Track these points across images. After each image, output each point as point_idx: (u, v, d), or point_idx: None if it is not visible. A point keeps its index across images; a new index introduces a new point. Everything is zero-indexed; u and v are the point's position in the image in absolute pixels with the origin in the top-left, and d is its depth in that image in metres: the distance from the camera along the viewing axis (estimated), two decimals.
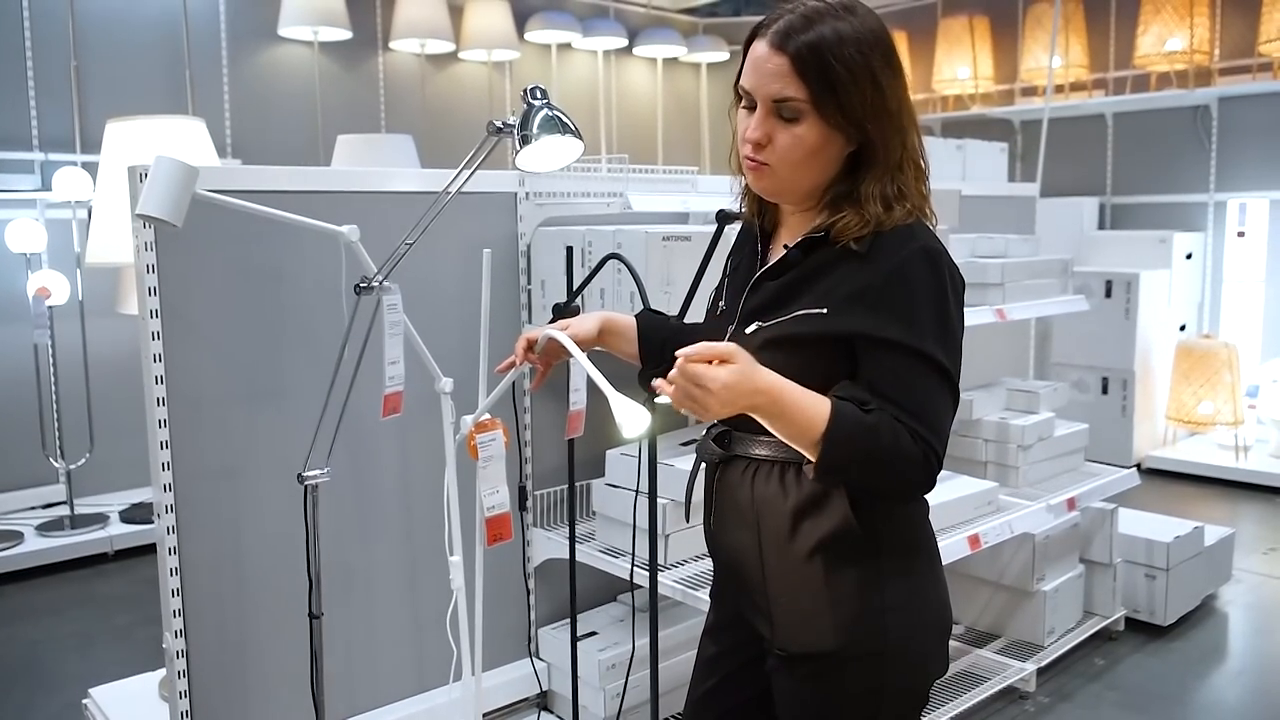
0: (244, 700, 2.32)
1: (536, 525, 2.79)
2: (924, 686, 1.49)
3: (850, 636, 1.41)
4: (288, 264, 2.31)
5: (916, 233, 1.39)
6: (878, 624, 1.41)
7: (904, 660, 1.43)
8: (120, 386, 4.79)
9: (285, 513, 2.34)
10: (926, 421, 1.33)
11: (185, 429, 2.19)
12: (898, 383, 1.34)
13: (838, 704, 1.45)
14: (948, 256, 1.40)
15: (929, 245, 1.38)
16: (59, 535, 4.26)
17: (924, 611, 1.46)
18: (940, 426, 1.35)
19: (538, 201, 2.70)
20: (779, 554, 1.45)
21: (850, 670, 1.43)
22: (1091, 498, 3.23)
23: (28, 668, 3.32)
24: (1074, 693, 3.07)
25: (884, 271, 1.36)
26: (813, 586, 1.42)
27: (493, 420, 1.90)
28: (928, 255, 1.37)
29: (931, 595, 1.48)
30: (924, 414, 1.34)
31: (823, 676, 1.44)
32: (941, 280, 1.37)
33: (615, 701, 2.63)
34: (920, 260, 1.36)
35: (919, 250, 1.37)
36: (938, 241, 1.40)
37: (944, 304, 1.37)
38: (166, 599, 2.19)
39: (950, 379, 1.37)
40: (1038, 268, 3.24)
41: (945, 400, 1.36)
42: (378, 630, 2.53)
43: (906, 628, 1.43)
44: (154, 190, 1.66)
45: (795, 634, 1.45)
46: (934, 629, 1.48)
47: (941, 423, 1.36)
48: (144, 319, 2.12)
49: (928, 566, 1.49)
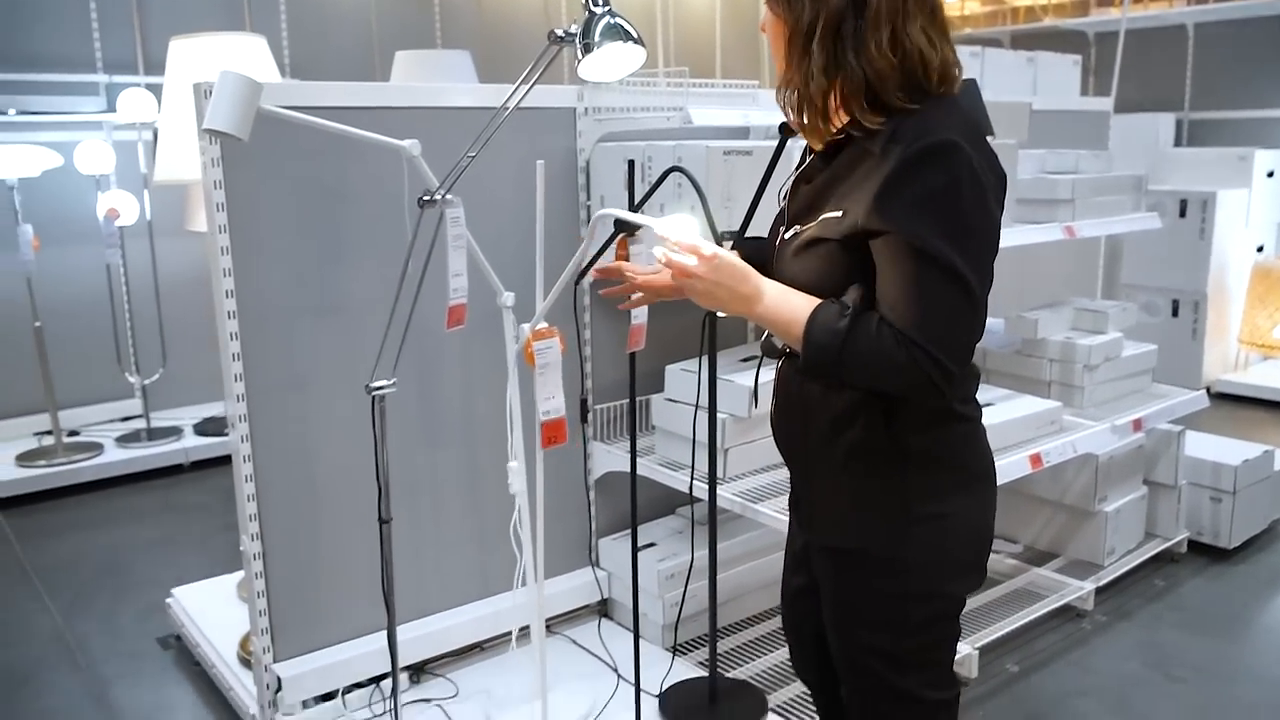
0: (317, 601, 2.41)
1: (596, 439, 2.83)
2: (951, 600, 1.50)
3: (873, 541, 1.45)
4: (350, 180, 2.33)
5: (931, 123, 1.31)
6: (902, 533, 1.44)
7: (928, 572, 1.45)
8: (189, 304, 4.93)
9: (353, 422, 2.40)
10: (916, 322, 1.29)
11: (255, 342, 2.25)
12: (892, 284, 1.32)
13: (863, 602, 1.50)
14: (967, 148, 1.30)
15: (942, 138, 1.30)
16: (137, 446, 4.43)
17: (953, 528, 1.45)
18: (934, 328, 1.29)
19: (596, 117, 2.68)
20: (819, 451, 1.49)
21: (874, 572, 1.47)
22: (1158, 419, 3.18)
23: (113, 570, 3.48)
24: (1133, 612, 3.06)
25: (891, 167, 1.31)
26: (843, 487, 1.47)
27: (549, 329, 1.92)
28: (938, 148, 1.29)
29: (964, 513, 1.46)
30: (913, 315, 1.29)
31: (850, 572, 1.50)
32: (952, 172, 1.29)
33: (674, 610, 2.69)
34: (927, 153, 1.29)
35: (930, 144, 1.30)
36: (959, 131, 1.31)
37: (953, 198, 1.29)
38: (243, 504, 2.27)
39: (958, 277, 1.29)
40: (1109, 184, 3.15)
41: (947, 300, 1.29)
42: (444, 536, 2.61)
43: (932, 541, 1.44)
44: (219, 105, 1.68)
45: (825, 528, 1.52)
46: (964, 546, 1.48)
47: (937, 323, 1.29)
48: (213, 234, 2.17)
49: (964, 485, 1.47)
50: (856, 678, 1.56)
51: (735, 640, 2.80)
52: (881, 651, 1.50)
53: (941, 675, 1.54)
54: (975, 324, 1.33)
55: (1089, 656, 2.82)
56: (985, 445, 1.51)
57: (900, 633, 1.48)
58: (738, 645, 2.78)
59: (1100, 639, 2.91)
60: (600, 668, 2.62)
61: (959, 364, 1.31)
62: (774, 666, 2.65)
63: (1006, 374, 3.21)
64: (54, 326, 4.57)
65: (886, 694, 1.52)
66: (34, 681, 2.77)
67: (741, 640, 2.80)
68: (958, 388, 1.38)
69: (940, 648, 1.53)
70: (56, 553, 3.63)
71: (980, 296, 1.32)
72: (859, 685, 1.56)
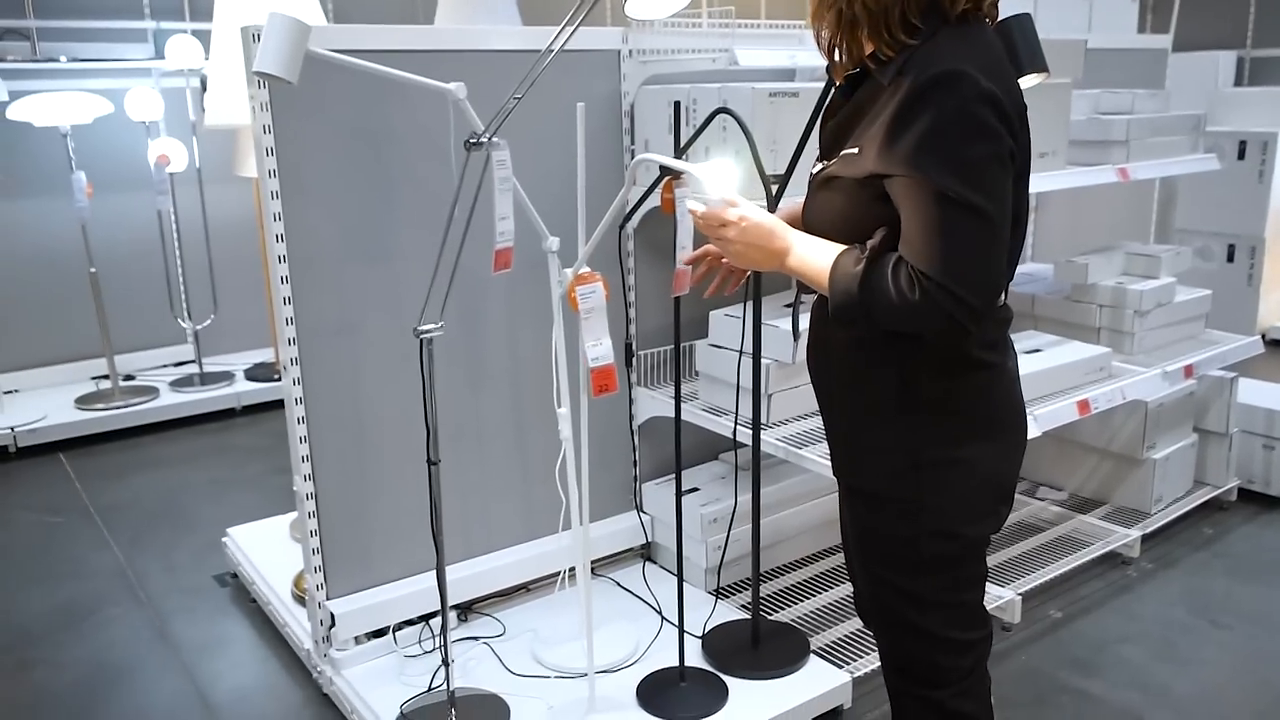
0: (368, 540, 2.47)
1: (640, 384, 2.85)
2: (967, 543, 1.51)
3: (887, 483, 1.49)
4: (394, 123, 2.34)
5: (939, 53, 1.29)
6: (914, 477, 1.46)
7: (941, 515, 1.47)
8: (238, 250, 5.00)
9: (401, 366, 2.44)
10: (934, 261, 1.28)
11: (305, 286, 2.28)
12: (909, 223, 1.31)
13: (881, 540, 1.53)
14: (975, 75, 1.27)
15: (947, 68, 1.27)
16: (190, 391, 4.53)
17: (967, 474, 1.46)
18: (954, 264, 1.27)
19: (641, 59, 2.65)
20: (840, 392, 1.53)
21: (889, 513, 1.50)
22: (1210, 365, 3.12)
23: (170, 510, 3.59)
24: (1180, 560, 3.04)
25: (897, 102, 1.30)
26: (860, 429, 1.51)
27: (592, 273, 1.92)
28: (942, 78, 1.27)
29: (980, 459, 1.46)
30: (930, 254, 1.28)
31: (868, 512, 1.54)
32: (958, 103, 1.26)
33: (717, 554, 2.71)
34: (931, 84, 1.28)
35: (934, 74, 1.28)
36: (970, 60, 1.28)
37: (960, 130, 1.27)
38: (295, 446, 2.32)
39: (973, 210, 1.27)
40: (1165, 124, 3.07)
41: (963, 235, 1.27)
42: (490, 479, 2.65)
43: (945, 486, 1.46)
44: (268, 47, 1.69)
45: (844, 468, 1.57)
46: (979, 492, 1.48)
47: (956, 260, 1.27)
48: (263, 178, 2.19)
49: (981, 432, 1.47)
50: (881, 615, 1.60)
51: (778, 584, 2.83)
52: (900, 590, 1.53)
53: (965, 615, 1.56)
54: (996, 255, 1.31)
55: (1134, 603, 2.81)
56: (1010, 392, 1.50)
57: (917, 572, 1.51)
58: (780, 589, 2.80)
59: (1146, 586, 2.90)
60: (644, 609, 2.67)
61: (984, 299, 1.30)
62: (816, 610, 2.68)
63: (1055, 320, 3.17)
64: (108, 272, 4.66)
65: (910, 631, 1.56)
66: (99, 615, 2.88)
67: (784, 584, 2.83)
68: (985, 329, 1.38)
69: (961, 589, 1.54)
70: (116, 493, 3.74)
71: (999, 226, 1.30)
72: (885, 622, 1.60)
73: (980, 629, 1.58)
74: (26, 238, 4.56)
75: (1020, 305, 3.27)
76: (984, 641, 1.59)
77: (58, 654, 2.68)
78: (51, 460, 4.07)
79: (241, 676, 2.57)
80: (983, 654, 1.60)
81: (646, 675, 2.35)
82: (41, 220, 4.58)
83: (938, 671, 1.57)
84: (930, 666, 1.57)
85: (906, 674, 1.61)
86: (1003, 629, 2.68)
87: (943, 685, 1.57)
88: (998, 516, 1.53)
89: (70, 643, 2.74)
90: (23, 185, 4.53)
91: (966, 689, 1.58)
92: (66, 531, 3.43)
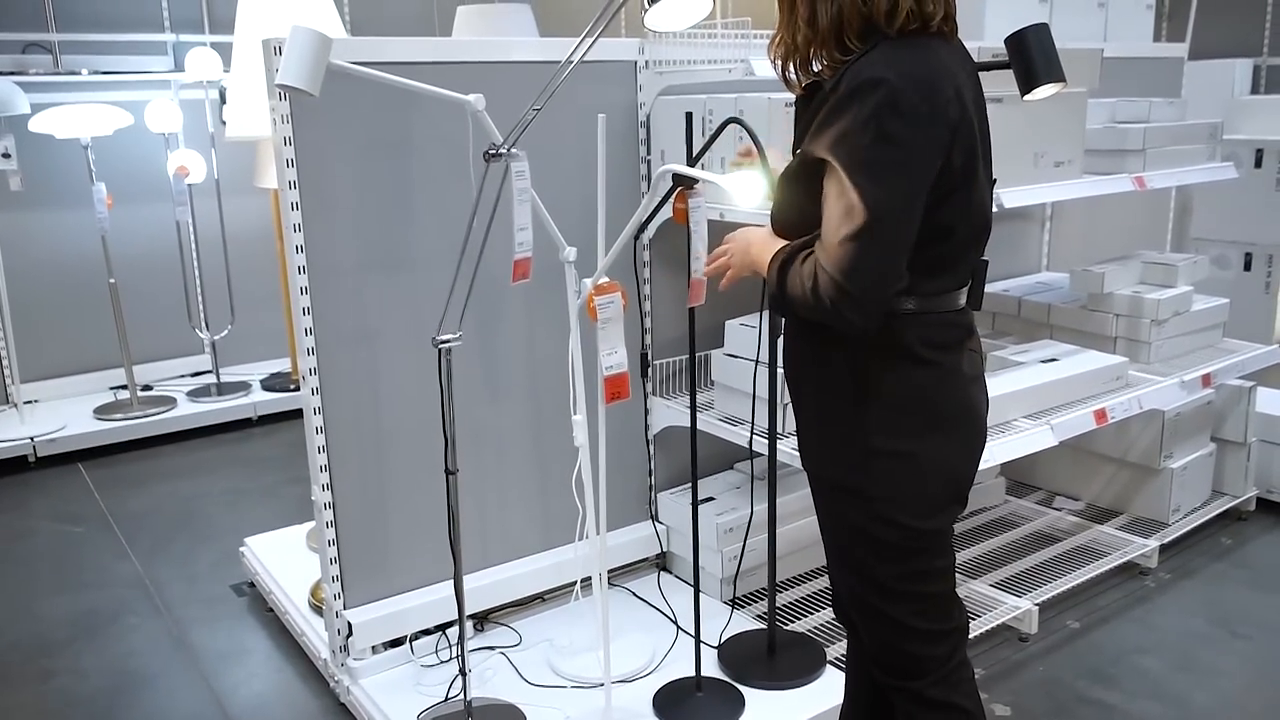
0: (385, 550, 2.48)
1: (656, 394, 2.86)
2: (924, 534, 1.54)
3: (839, 471, 1.55)
4: (413, 135, 2.36)
5: (869, 63, 1.38)
6: (865, 467, 1.52)
7: (893, 505, 1.52)
8: (256, 262, 5.03)
9: (418, 375, 2.45)
10: (828, 251, 1.39)
11: (324, 297, 2.30)
12: (826, 214, 1.41)
13: (841, 529, 1.60)
14: (894, 82, 1.34)
15: (869, 75, 1.36)
16: (208, 401, 4.56)
17: (918, 466, 1.51)
18: (837, 255, 1.37)
19: (657, 70, 2.66)
20: (800, 384, 1.61)
21: (845, 501, 1.56)
22: (1228, 374, 3.11)
23: (188, 519, 3.61)
24: (1198, 570, 3.03)
25: (828, 105, 1.41)
26: (816, 418, 1.59)
27: (611, 283, 1.93)
28: (864, 84, 1.36)
29: (931, 452, 1.52)
30: (824, 239, 1.40)
31: (828, 500, 1.61)
32: (870, 107, 1.34)
33: (733, 563, 2.71)
34: (854, 90, 1.37)
35: (859, 82, 1.37)
36: (895, 69, 1.36)
37: (866, 131, 1.35)
38: (314, 456, 2.33)
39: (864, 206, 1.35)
40: (1182, 133, 3.06)
41: (851, 228, 1.36)
42: (506, 489, 2.66)
43: (895, 477, 1.51)
44: (291, 60, 1.71)
45: (806, 456, 1.64)
46: (930, 483, 1.53)
47: (839, 251, 1.37)
48: (283, 190, 2.21)
49: (932, 426, 1.51)
50: (854, 605, 1.64)
51: (793, 594, 2.83)
52: (864, 577, 1.59)
53: (932, 607, 1.59)
54: (882, 252, 1.38)
55: (1152, 614, 2.79)
56: (963, 392, 1.55)
57: (877, 560, 1.56)
58: (795, 599, 2.80)
59: (1164, 596, 2.88)
60: (660, 619, 2.67)
61: (859, 287, 1.37)
62: (832, 620, 2.67)
63: (1071, 329, 3.17)
64: (127, 283, 4.70)
65: (878, 619, 1.60)
66: (118, 624, 2.89)
67: (799, 594, 2.83)
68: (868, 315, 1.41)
69: (926, 580, 1.58)
70: (134, 502, 3.76)
71: (889, 225, 1.37)
72: (859, 611, 1.64)
73: (950, 620, 1.61)
74: (47, 248, 4.61)
75: (1036, 314, 3.26)
76: (957, 633, 1.63)
77: (78, 663, 2.70)
78: (70, 470, 4.10)
79: (259, 685, 2.58)
80: (957, 644, 1.63)
81: (663, 685, 2.35)
82: (62, 231, 4.62)
83: (912, 660, 1.61)
84: (904, 655, 1.61)
85: (883, 665, 1.65)
86: (1020, 639, 2.67)
87: (918, 675, 1.61)
88: (952, 509, 1.57)
89: (90, 652, 2.75)
90: (44, 196, 4.57)
91: (944, 677, 1.61)
92: (86, 541, 3.46)
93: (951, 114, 1.39)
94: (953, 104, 1.39)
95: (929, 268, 1.47)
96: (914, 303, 1.48)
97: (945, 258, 1.48)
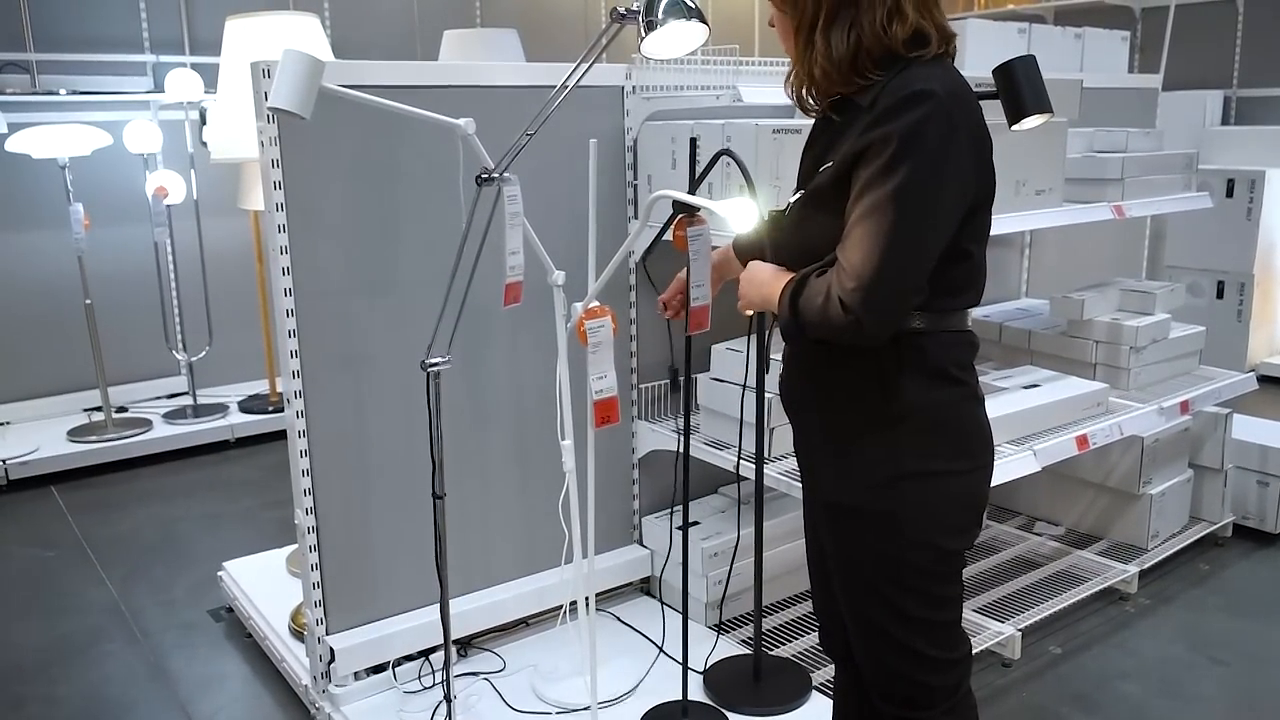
0: (370, 574, 2.46)
1: (641, 418, 2.85)
2: (947, 555, 1.54)
3: (864, 496, 1.52)
4: (402, 158, 2.35)
5: (915, 76, 1.39)
6: (894, 490, 1.50)
7: (920, 526, 1.51)
8: (234, 283, 5.00)
9: (405, 399, 2.44)
10: (848, 268, 1.37)
11: (310, 319, 2.28)
12: (850, 230, 1.39)
13: (866, 557, 1.56)
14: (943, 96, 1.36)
15: (920, 87, 1.36)
16: (184, 423, 4.51)
17: (945, 486, 1.51)
18: (859, 267, 1.35)
19: (644, 95, 2.68)
20: (821, 410, 1.58)
21: (870, 528, 1.53)
22: (1206, 401, 3.15)
23: (166, 542, 3.56)
24: (1176, 596, 3.05)
25: (871, 119, 1.39)
26: (846, 444, 1.54)
27: (602, 308, 1.94)
28: (913, 96, 1.36)
29: (954, 475, 1.52)
30: (848, 262, 1.37)
31: (849, 525, 1.56)
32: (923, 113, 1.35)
33: (718, 588, 2.71)
34: (903, 101, 1.36)
35: (910, 93, 1.36)
36: (939, 83, 1.37)
37: (919, 139, 1.35)
38: (297, 478, 2.31)
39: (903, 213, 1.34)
40: (1159, 163, 3.11)
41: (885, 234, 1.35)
42: (492, 513, 2.64)
43: (924, 498, 1.50)
44: (283, 83, 1.70)
45: (825, 485, 1.58)
46: (956, 504, 1.53)
47: (863, 264, 1.35)
48: (270, 212, 2.20)
49: (958, 446, 1.52)
50: (866, 637, 1.61)
51: (779, 619, 2.82)
52: (886, 605, 1.55)
53: (945, 634, 1.59)
54: (907, 261, 1.37)
55: (1132, 639, 2.81)
56: (981, 414, 1.57)
57: (901, 586, 1.53)
58: (781, 623, 2.80)
59: (1143, 622, 2.90)
60: (644, 644, 2.65)
61: (884, 294, 1.36)
62: (817, 645, 2.67)
63: (1051, 355, 3.20)
64: (103, 304, 4.65)
65: (895, 650, 1.58)
66: (93, 651, 2.84)
67: (785, 619, 2.82)
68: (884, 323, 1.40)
69: (943, 607, 1.57)
70: (109, 526, 3.71)
71: (918, 236, 1.37)
72: (869, 645, 1.61)
73: (960, 648, 1.61)
74: (22, 269, 4.56)
75: (1016, 340, 3.29)
76: (966, 660, 1.62)
77: (52, 690, 2.65)
78: (43, 493, 4.03)
79: (238, 712, 2.54)
80: (965, 673, 1.62)
81: (648, 710, 2.33)
82: (38, 252, 4.58)
83: (923, 690, 1.59)
84: (915, 685, 1.59)
85: (892, 696, 1.62)
86: (1003, 665, 2.68)
87: (928, 705, 1.60)
88: (972, 534, 1.57)
89: (64, 679, 2.70)
90: (20, 217, 4.53)
91: (953, 708, 1.61)
92: (59, 565, 3.40)
93: (983, 132, 1.43)
94: (982, 123, 1.43)
95: (951, 286, 1.48)
96: (941, 321, 1.49)
97: (968, 276, 1.50)
